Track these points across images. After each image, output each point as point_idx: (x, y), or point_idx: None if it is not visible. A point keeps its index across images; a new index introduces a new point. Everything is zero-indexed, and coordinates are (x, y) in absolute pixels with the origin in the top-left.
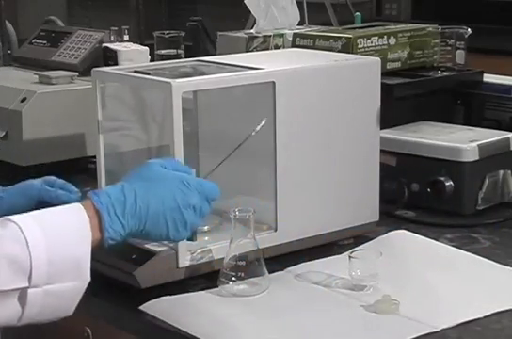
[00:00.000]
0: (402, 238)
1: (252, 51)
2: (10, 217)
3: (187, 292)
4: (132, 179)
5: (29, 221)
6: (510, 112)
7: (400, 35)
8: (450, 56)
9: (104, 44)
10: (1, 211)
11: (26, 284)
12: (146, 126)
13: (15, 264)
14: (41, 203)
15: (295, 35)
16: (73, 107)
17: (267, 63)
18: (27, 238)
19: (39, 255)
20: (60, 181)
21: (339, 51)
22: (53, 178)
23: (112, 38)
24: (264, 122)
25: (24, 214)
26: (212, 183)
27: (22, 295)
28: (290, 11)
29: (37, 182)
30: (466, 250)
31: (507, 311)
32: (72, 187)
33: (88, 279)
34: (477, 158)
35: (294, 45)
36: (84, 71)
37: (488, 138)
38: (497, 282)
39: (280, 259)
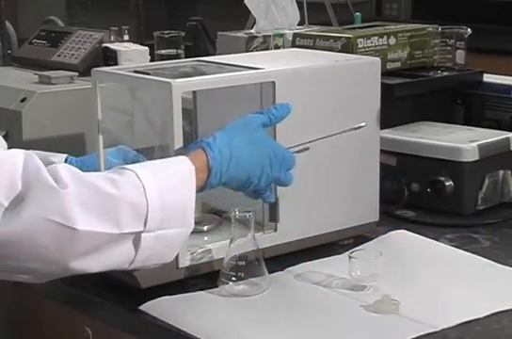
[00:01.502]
0: (402, 238)
1: (252, 51)
2: (125, 165)
3: (187, 292)
4: (236, 135)
5: (143, 169)
6: (510, 112)
7: (400, 35)
8: (450, 56)
9: (104, 44)
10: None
11: (142, 229)
12: (146, 126)
13: (134, 208)
14: None
15: (295, 35)
16: (73, 107)
17: (267, 63)
18: (144, 184)
19: (154, 200)
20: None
21: (339, 51)
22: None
23: (112, 38)
24: (364, 124)
25: (136, 164)
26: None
27: (136, 239)
28: (290, 11)
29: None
30: (466, 250)
31: (507, 311)
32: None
33: (192, 225)
34: (477, 158)
35: (294, 45)
36: (84, 71)
37: (488, 138)
38: (497, 282)
39: (280, 259)
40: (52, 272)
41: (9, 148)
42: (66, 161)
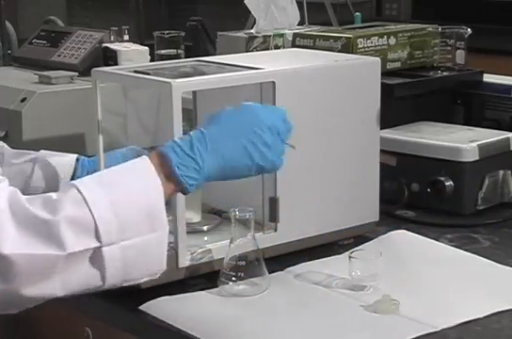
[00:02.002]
0: (402, 238)
1: (252, 51)
2: (73, 181)
3: (187, 292)
4: (204, 127)
5: (88, 181)
6: (510, 112)
7: (400, 35)
8: (450, 56)
9: (104, 44)
10: None
11: (97, 244)
12: (146, 126)
13: (77, 225)
14: None
15: (295, 35)
16: (73, 107)
17: (267, 63)
18: (86, 198)
19: (101, 212)
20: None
21: (339, 51)
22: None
23: (112, 38)
24: None
25: (89, 175)
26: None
27: (95, 255)
28: (290, 11)
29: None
30: (466, 250)
31: (507, 311)
32: None
33: (166, 227)
34: (477, 158)
35: (294, 45)
36: (84, 71)
37: (488, 138)
38: (497, 282)
39: (280, 259)
40: (11, 303)
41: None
42: (77, 161)
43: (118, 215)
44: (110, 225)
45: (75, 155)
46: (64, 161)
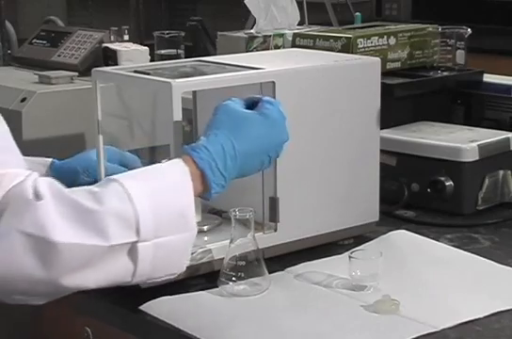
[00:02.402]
0: (402, 238)
1: (252, 51)
2: (111, 176)
3: (187, 292)
4: (220, 126)
5: (127, 177)
6: (510, 112)
7: (400, 35)
8: (450, 56)
9: (104, 44)
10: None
11: (135, 238)
12: (146, 126)
13: (121, 218)
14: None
15: (295, 35)
16: (73, 107)
17: (267, 63)
18: (130, 192)
19: (142, 207)
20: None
21: (339, 51)
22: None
23: (112, 38)
24: None
25: (124, 173)
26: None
27: (132, 249)
28: (290, 11)
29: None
30: (466, 250)
31: (507, 311)
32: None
33: (195, 229)
34: (477, 158)
35: (294, 45)
36: (84, 71)
37: (488, 138)
38: (497, 282)
39: (280, 259)
40: (45, 292)
41: None
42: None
43: (155, 212)
44: (149, 221)
45: (50, 159)
46: (36, 164)
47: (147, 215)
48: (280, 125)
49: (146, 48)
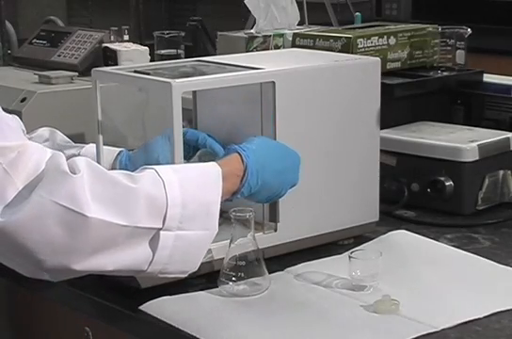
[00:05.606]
0: (402, 238)
1: (252, 51)
2: (147, 165)
3: (187, 292)
4: (261, 144)
5: (164, 167)
6: (510, 112)
7: (400, 35)
8: (450, 56)
9: (104, 44)
10: None
11: (160, 225)
12: (146, 126)
13: (152, 202)
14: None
15: (295, 35)
16: (73, 107)
17: (267, 63)
18: (164, 179)
19: (174, 195)
20: None
21: (339, 51)
22: None
23: (112, 38)
24: None
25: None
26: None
27: (154, 237)
28: (290, 11)
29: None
30: (466, 250)
31: (507, 311)
32: None
33: (216, 229)
34: (477, 158)
35: (294, 45)
36: (84, 71)
37: (488, 138)
38: (497, 282)
39: (280, 259)
40: (60, 266)
41: None
42: (118, 154)
43: (184, 204)
44: (177, 211)
45: (118, 149)
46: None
47: (176, 205)
48: (297, 169)
49: (146, 48)
